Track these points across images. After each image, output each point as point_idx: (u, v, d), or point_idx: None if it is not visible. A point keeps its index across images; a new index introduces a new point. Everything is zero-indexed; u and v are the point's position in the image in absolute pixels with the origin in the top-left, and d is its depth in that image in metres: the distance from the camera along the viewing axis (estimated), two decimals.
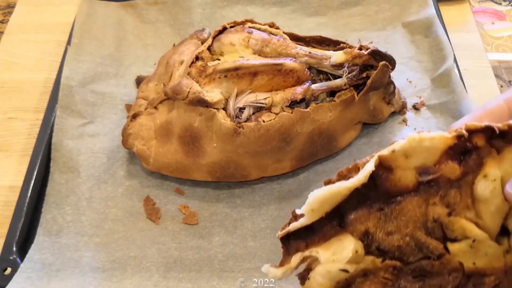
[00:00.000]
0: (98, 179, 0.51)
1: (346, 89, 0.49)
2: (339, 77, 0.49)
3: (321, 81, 0.50)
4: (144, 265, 0.46)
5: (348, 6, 0.66)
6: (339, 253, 0.28)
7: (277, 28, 0.53)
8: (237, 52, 0.50)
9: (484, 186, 0.27)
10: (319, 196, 0.28)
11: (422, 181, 0.27)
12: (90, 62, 0.59)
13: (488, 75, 0.60)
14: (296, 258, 0.30)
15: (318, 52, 0.50)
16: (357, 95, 0.49)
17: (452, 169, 0.27)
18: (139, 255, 0.46)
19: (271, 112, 0.47)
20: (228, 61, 0.48)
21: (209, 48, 0.51)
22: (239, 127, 0.46)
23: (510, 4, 0.72)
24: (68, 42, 0.60)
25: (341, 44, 0.52)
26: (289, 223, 0.31)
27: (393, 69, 0.50)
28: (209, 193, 0.51)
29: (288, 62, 0.47)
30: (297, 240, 0.30)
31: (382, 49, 0.49)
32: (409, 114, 0.55)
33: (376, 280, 0.28)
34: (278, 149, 0.47)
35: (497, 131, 0.26)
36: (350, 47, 0.51)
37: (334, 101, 0.48)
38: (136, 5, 0.66)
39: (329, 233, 0.29)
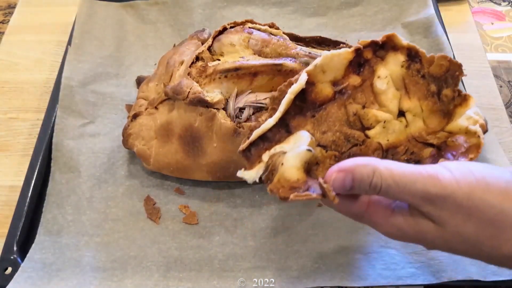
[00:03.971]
0: (98, 179, 0.51)
1: None
2: None
3: None
4: (144, 265, 0.46)
5: (348, 6, 0.66)
6: (299, 141, 0.35)
7: (277, 28, 0.53)
8: (237, 52, 0.50)
9: (380, 83, 0.38)
10: (283, 103, 0.36)
11: (336, 90, 0.38)
12: (90, 62, 0.60)
13: (488, 75, 0.60)
14: (265, 156, 0.35)
15: (318, 52, 0.50)
16: None
17: (354, 79, 0.38)
18: (140, 254, 0.46)
19: None
20: (228, 61, 0.49)
21: (209, 49, 0.51)
22: (239, 127, 0.46)
23: (510, 5, 0.72)
24: (69, 43, 0.61)
25: (341, 45, 0.52)
26: (248, 137, 0.36)
27: None
28: (209, 193, 0.51)
29: (288, 63, 0.47)
30: (257, 148, 0.36)
31: None
32: None
33: (325, 166, 0.36)
34: None
35: (380, 43, 0.38)
36: (350, 47, 0.51)
37: None
38: (137, 5, 0.66)
39: (281, 137, 0.36)
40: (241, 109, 0.47)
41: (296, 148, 0.35)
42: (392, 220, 0.32)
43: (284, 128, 0.37)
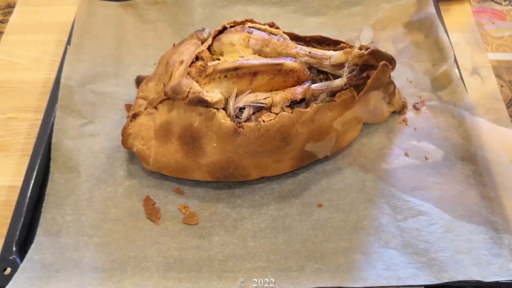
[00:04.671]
0: (98, 179, 0.51)
1: (346, 89, 0.49)
2: (339, 77, 0.49)
3: (321, 81, 0.50)
4: (144, 265, 0.46)
5: (348, 6, 0.66)
6: None
7: (277, 28, 0.53)
8: (237, 52, 0.50)
9: None
10: None
11: None
12: (90, 62, 0.59)
13: (488, 75, 0.60)
14: None
15: (318, 52, 0.50)
16: (357, 95, 0.49)
17: None
18: (139, 255, 0.46)
19: (271, 112, 0.47)
20: (228, 61, 0.48)
21: (209, 48, 0.51)
22: (239, 127, 0.46)
23: (511, 4, 0.72)
24: (68, 42, 0.61)
25: (341, 44, 0.52)
26: None
27: (393, 69, 0.50)
28: (209, 193, 0.51)
29: (288, 62, 0.47)
30: None
31: (382, 49, 0.49)
32: (409, 114, 0.55)
33: None
34: (278, 149, 0.47)
35: None
36: (350, 47, 0.51)
37: (334, 101, 0.48)
38: (136, 5, 0.66)
39: None
40: (241, 109, 0.47)
41: None
42: None
43: None
